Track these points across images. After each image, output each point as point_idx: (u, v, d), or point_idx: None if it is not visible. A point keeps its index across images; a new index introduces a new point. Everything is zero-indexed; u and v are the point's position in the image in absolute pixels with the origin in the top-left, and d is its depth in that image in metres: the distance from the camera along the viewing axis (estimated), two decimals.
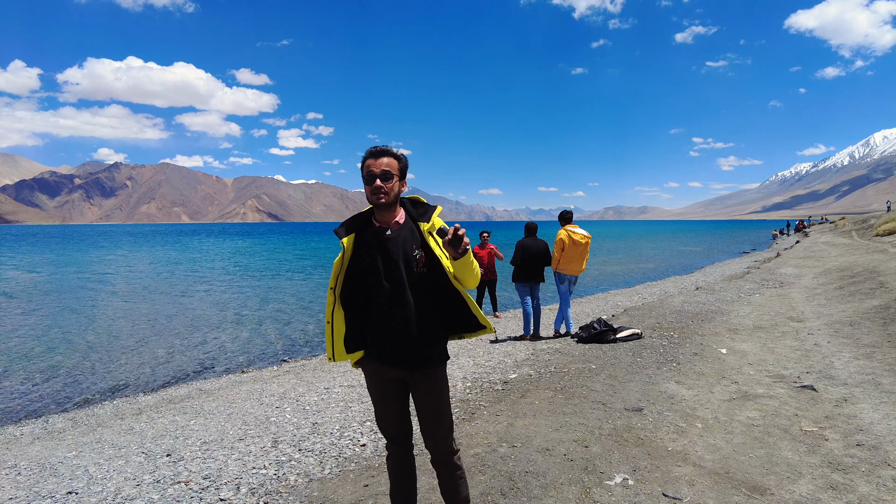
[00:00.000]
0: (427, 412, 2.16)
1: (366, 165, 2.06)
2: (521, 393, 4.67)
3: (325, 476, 3.30)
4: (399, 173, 2.08)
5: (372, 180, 2.03)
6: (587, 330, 6.71)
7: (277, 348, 9.24)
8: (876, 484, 2.82)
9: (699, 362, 5.39)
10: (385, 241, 2.09)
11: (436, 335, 2.14)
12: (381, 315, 2.10)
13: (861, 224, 31.23)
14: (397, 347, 2.09)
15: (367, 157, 2.08)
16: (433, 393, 2.15)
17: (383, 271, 2.08)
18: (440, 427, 2.18)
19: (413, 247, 2.09)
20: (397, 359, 2.10)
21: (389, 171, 2.04)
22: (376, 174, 2.03)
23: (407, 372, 2.12)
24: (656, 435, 3.56)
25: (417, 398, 2.18)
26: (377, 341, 2.13)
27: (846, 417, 3.76)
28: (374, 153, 2.07)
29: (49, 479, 3.66)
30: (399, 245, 2.08)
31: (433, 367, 2.14)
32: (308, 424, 4.40)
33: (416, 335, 2.08)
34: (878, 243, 18.45)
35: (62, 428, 5.29)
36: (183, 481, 3.38)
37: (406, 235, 2.10)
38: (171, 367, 8.04)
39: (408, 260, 2.08)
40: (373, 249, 2.10)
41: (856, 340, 5.93)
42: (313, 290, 17.02)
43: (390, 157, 2.07)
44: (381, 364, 2.14)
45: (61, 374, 7.69)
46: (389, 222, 2.12)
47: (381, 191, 2.03)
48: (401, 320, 2.07)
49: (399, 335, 2.08)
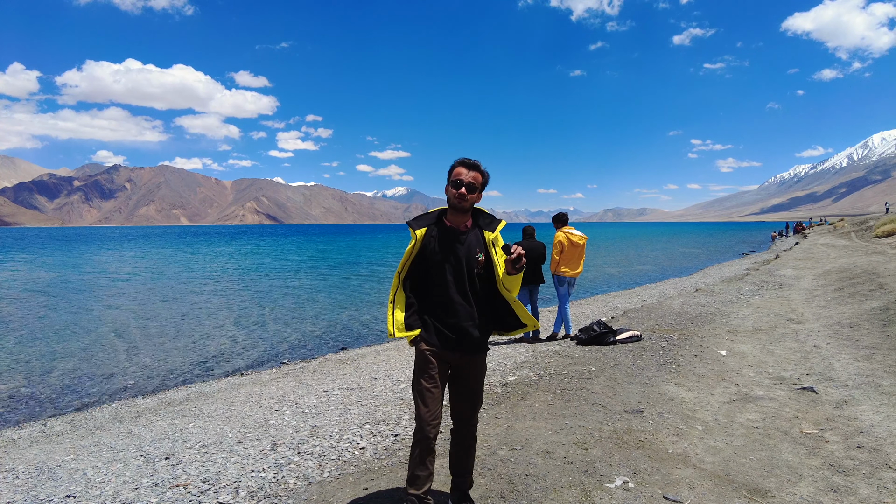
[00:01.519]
0: (468, 391, 2.50)
1: (456, 171, 2.36)
2: (520, 395, 4.66)
3: (324, 479, 3.29)
4: (481, 187, 2.39)
5: (459, 186, 2.34)
6: (587, 332, 6.70)
7: (276, 351, 9.22)
8: (877, 486, 2.81)
9: (699, 364, 5.38)
10: (456, 238, 2.41)
11: (486, 327, 2.48)
12: (443, 304, 2.40)
13: (860, 225, 31.28)
14: (457, 334, 2.39)
15: (459, 165, 2.37)
16: (477, 375, 2.51)
17: (450, 265, 2.39)
18: (476, 404, 2.55)
19: (477, 250, 2.41)
20: (457, 344, 2.40)
21: (474, 184, 2.36)
22: (464, 182, 2.34)
23: (459, 356, 2.42)
24: (656, 437, 3.55)
25: (462, 379, 2.49)
26: (436, 326, 2.41)
27: (846, 419, 3.75)
28: (468, 164, 2.37)
29: (47, 483, 3.64)
30: (466, 245, 2.41)
31: (482, 353, 2.49)
32: (307, 427, 4.38)
33: (472, 325, 2.40)
34: (877, 245, 18.47)
35: (60, 431, 5.27)
36: (181, 484, 3.37)
37: (473, 239, 2.43)
38: (169, 370, 8.01)
39: (471, 259, 2.40)
40: (444, 244, 2.40)
41: (855, 342, 5.92)
42: (312, 292, 17.01)
43: (479, 172, 2.38)
44: (441, 348, 2.40)
45: (59, 376, 7.67)
46: (461, 225, 2.43)
47: (464, 198, 2.35)
48: (461, 311, 2.39)
49: (457, 324, 2.39)
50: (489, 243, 2.41)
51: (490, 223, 2.46)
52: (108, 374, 7.80)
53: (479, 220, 2.48)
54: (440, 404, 2.43)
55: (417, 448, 2.42)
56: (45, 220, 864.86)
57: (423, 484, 2.44)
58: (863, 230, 27.91)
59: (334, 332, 10.82)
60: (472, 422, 2.57)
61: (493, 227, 2.45)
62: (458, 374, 2.49)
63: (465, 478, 2.65)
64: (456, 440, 2.60)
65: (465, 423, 2.56)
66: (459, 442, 2.59)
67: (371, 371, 6.43)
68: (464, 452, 2.60)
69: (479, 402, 2.56)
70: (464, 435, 2.58)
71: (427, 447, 2.41)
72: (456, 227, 2.42)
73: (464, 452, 2.60)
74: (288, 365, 7.98)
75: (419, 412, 2.40)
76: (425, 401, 2.39)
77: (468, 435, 2.58)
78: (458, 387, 2.50)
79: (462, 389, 2.50)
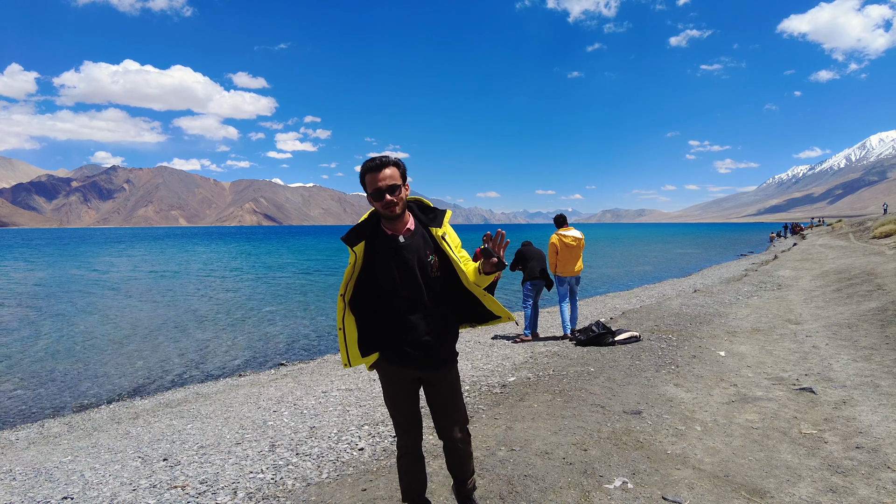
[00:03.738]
0: (443, 406, 2.28)
1: (369, 181, 2.02)
2: (519, 396, 4.66)
3: (322, 480, 3.28)
4: (402, 180, 2.07)
5: (381, 196, 2.01)
6: (585, 333, 6.70)
7: (275, 352, 9.21)
8: (876, 487, 2.81)
9: (698, 365, 5.38)
10: (399, 248, 2.10)
11: (452, 337, 2.23)
12: (399, 320, 2.13)
13: (858, 226, 31.34)
14: (417, 351, 2.14)
15: (367, 172, 2.03)
16: (449, 389, 2.26)
17: (399, 278, 2.09)
18: (456, 419, 2.31)
19: (427, 252, 2.12)
20: (416, 361, 2.15)
21: (395, 183, 2.03)
22: (384, 189, 2.01)
23: (426, 372, 2.20)
24: (655, 438, 3.55)
25: (434, 394, 2.27)
26: (395, 345, 2.16)
27: (845, 420, 3.75)
28: (375, 166, 2.02)
29: (44, 485, 3.63)
30: (413, 252, 2.10)
31: (449, 365, 2.24)
32: (306, 428, 4.37)
33: (435, 339, 2.14)
34: (874, 245, 18.50)
35: (58, 432, 5.25)
36: (179, 486, 3.36)
37: (419, 241, 2.12)
38: (168, 371, 8.00)
39: (423, 266, 2.11)
40: (387, 257, 2.10)
41: (854, 342, 5.93)
42: (311, 293, 16.99)
43: (391, 166, 2.04)
44: (401, 367, 2.18)
45: (57, 378, 7.65)
46: (401, 230, 2.12)
47: (392, 204, 2.03)
48: (420, 325, 2.12)
49: (418, 339, 2.12)
50: (439, 239, 2.12)
51: (434, 218, 2.17)
52: (106, 375, 7.79)
53: (421, 216, 2.19)
54: (416, 421, 2.31)
55: (403, 460, 2.35)
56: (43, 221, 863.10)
57: (418, 493, 2.40)
58: (861, 231, 27.96)
59: (333, 332, 10.80)
60: (457, 438, 2.32)
61: (438, 221, 2.16)
62: (430, 389, 2.27)
63: (464, 484, 2.49)
64: (447, 455, 2.41)
65: (451, 440, 2.32)
66: (450, 457, 2.40)
67: (370, 372, 6.42)
68: (457, 466, 2.41)
69: (459, 416, 2.32)
70: (454, 452, 2.36)
71: (414, 458, 2.35)
72: (397, 233, 2.11)
73: (457, 466, 2.41)
74: (286, 366, 7.96)
75: (396, 430, 2.32)
76: (398, 422, 2.29)
77: (458, 451, 2.36)
78: (433, 402, 2.29)
79: (437, 404, 2.28)
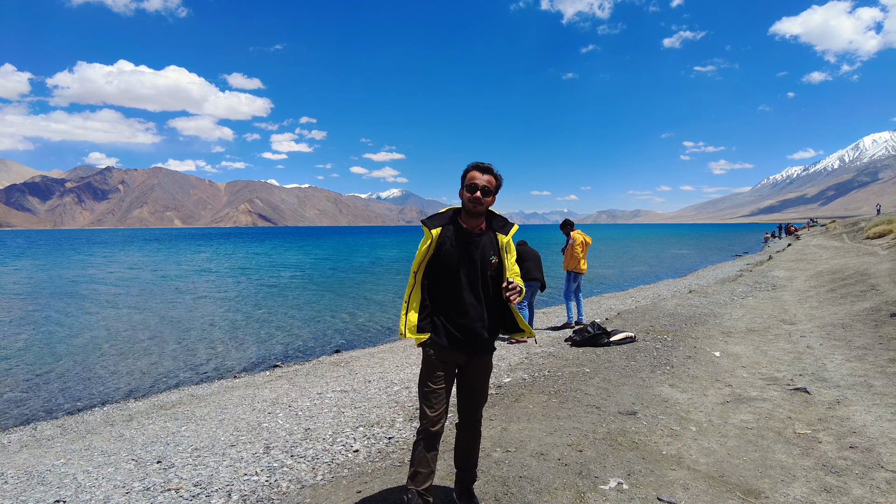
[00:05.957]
0: (474, 389, 2.57)
1: (470, 175, 2.40)
2: (514, 397, 4.65)
3: (317, 482, 3.27)
4: (495, 190, 2.42)
5: (474, 190, 2.37)
6: (581, 333, 6.71)
7: (270, 353, 9.16)
8: (869, 486, 2.82)
9: (693, 365, 5.40)
10: (471, 241, 2.42)
11: (494, 329, 2.53)
12: (455, 305, 2.42)
13: (851, 227, 31.54)
14: (467, 336, 2.41)
15: (473, 168, 2.41)
16: (484, 375, 2.57)
17: (465, 267, 2.40)
18: (482, 401, 2.62)
19: (491, 252, 2.45)
20: (466, 345, 2.42)
21: (489, 188, 2.39)
22: (479, 186, 2.37)
23: (467, 356, 2.45)
24: (650, 438, 3.56)
25: (469, 378, 2.54)
26: (447, 328, 2.42)
27: (839, 420, 3.77)
28: (482, 168, 2.41)
29: (36, 488, 3.59)
30: (481, 248, 2.43)
31: (489, 353, 2.53)
32: (300, 430, 4.35)
33: (482, 326, 2.44)
34: (868, 246, 18.62)
35: (51, 435, 5.21)
36: (173, 488, 3.33)
37: (487, 241, 2.46)
38: (162, 373, 7.95)
39: (485, 262, 2.44)
40: (459, 246, 2.41)
41: (848, 343, 5.96)
42: (306, 293, 16.94)
43: (492, 175, 2.41)
44: (450, 349, 2.42)
45: (50, 379, 7.59)
46: (475, 227, 2.46)
47: (479, 202, 2.38)
48: (472, 313, 2.41)
49: (468, 325, 2.41)
50: (502, 247, 2.46)
51: (503, 226, 2.51)
52: (100, 377, 7.73)
53: (493, 222, 2.52)
54: (446, 405, 2.45)
55: (421, 445, 2.43)
56: (36, 222, 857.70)
57: (424, 481, 2.45)
58: (854, 231, 28.15)
59: (328, 334, 10.78)
60: (478, 417, 2.63)
61: (506, 230, 2.50)
62: (466, 374, 2.53)
63: (470, 471, 2.71)
64: (461, 435, 2.66)
65: (471, 419, 2.62)
66: (465, 437, 2.65)
67: (365, 373, 6.40)
68: (469, 447, 2.66)
69: (484, 400, 2.63)
70: (469, 430, 2.63)
71: (431, 445, 2.44)
72: (471, 229, 2.44)
73: (469, 447, 2.66)
74: (281, 367, 7.93)
75: (424, 412, 2.43)
76: (431, 402, 2.42)
77: (474, 430, 2.64)
78: (465, 385, 2.56)
79: (469, 388, 2.56)
